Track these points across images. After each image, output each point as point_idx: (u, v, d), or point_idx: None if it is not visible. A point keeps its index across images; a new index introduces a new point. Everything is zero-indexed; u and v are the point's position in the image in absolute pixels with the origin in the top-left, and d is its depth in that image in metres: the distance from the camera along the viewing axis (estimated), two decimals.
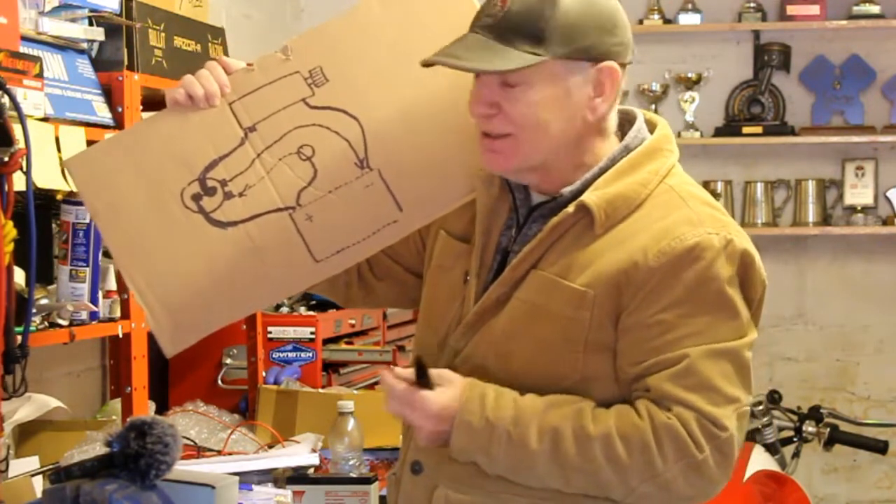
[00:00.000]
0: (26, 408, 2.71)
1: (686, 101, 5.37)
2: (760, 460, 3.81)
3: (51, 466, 2.68)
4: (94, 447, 2.71)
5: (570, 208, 1.86)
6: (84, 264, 2.58)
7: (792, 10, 5.27)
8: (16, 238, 2.21)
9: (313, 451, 3.06)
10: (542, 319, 1.85)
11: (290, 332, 3.71)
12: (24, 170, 2.23)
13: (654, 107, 5.33)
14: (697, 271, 1.81)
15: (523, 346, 1.86)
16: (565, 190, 1.89)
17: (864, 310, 5.40)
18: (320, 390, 3.59)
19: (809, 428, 4.20)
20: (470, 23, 1.88)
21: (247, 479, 2.74)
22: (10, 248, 2.20)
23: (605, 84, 1.86)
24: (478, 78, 1.86)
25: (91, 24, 2.74)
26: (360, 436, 2.90)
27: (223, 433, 3.25)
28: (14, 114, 2.21)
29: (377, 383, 3.97)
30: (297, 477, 2.78)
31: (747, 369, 1.83)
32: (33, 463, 2.73)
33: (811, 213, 5.34)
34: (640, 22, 5.35)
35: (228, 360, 3.71)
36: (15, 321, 2.25)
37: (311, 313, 3.75)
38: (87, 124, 2.65)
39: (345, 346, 3.96)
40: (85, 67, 2.74)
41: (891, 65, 5.32)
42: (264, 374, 3.63)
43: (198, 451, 3.10)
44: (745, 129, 5.32)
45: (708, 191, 5.76)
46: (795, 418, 4.24)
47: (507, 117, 1.85)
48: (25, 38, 2.48)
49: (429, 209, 2.01)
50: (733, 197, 5.40)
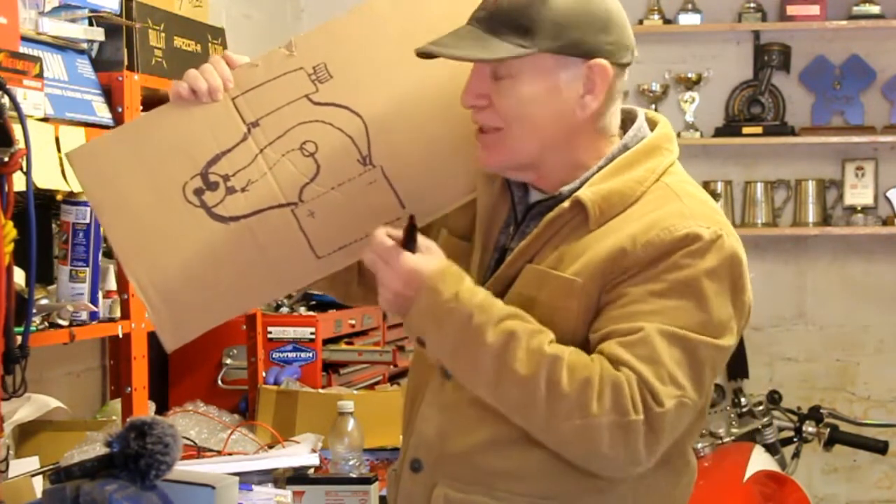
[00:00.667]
0: (26, 408, 2.71)
1: (686, 101, 5.37)
2: (760, 460, 3.81)
3: (51, 466, 2.67)
4: (94, 447, 2.71)
5: (566, 204, 1.86)
6: (84, 264, 2.58)
7: (792, 10, 5.27)
8: (16, 238, 2.21)
9: (313, 451, 3.06)
10: (533, 312, 1.84)
11: (290, 333, 3.71)
12: (24, 170, 2.22)
13: (654, 107, 5.33)
14: (679, 256, 1.80)
15: None
16: (564, 188, 1.89)
17: (864, 310, 5.40)
18: (320, 390, 3.59)
19: (809, 428, 4.20)
20: None
21: (247, 480, 2.74)
22: (10, 248, 2.20)
23: (596, 82, 1.85)
24: (472, 70, 1.87)
25: (91, 24, 2.74)
26: (360, 436, 2.90)
27: (223, 433, 3.25)
28: (14, 114, 2.21)
29: (377, 383, 3.99)
30: (297, 477, 2.78)
31: (700, 367, 1.79)
32: (33, 463, 2.73)
33: (811, 214, 5.34)
34: (640, 22, 5.35)
35: (228, 361, 3.71)
36: (15, 321, 2.25)
37: (311, 313, 3.76)
38: (87, 124, 2.65)
39: (345, 347, 3.96)
40: (85, 67, 2.74)
41: (891, 65, 5.32)
42: (264, 374, 3.63)
43: (198, 452, 3.10)
44: (745, 130, 5.32)
45: (708, 191, 5.73)
46: (795, 418, 4.24)
47: (496, 110, 1.86)
48: (25, 38, 2.48)
49: (431, 206, 2.00)
50: (733, 197, 5.40)
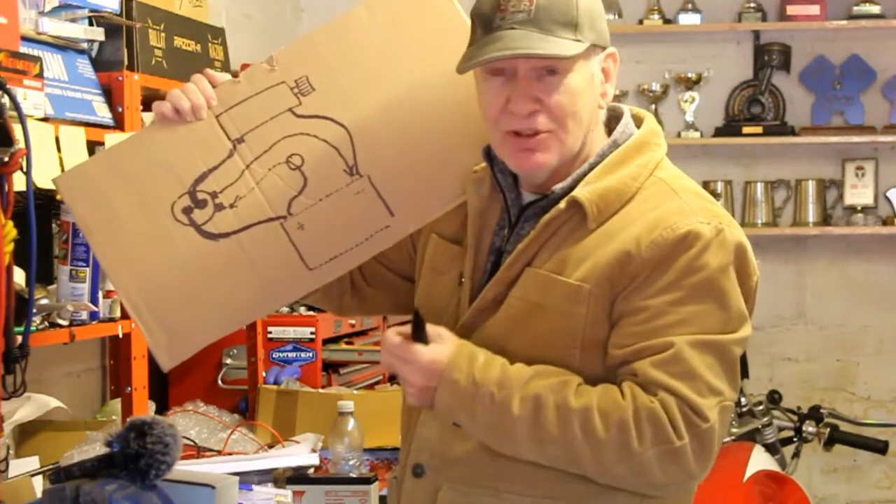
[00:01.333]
0: (26, 408, 2.71)
1: (686, 101, 5.37)
2: (760, 460, 3.81)
3: (51, 466, 2.68)
4: (94, 447, 2.71)
5: (562, 204, 1.86)
6: (84, 264, 2.58)
7: (792, 10, 5.27)
8: (16, 238, 2.21)
9: (313, 451, 3.06)
10: (538, 317, 1.85)
11: (290, 332, 3.72)
12: (24, 170, 2.23)
13: (654, 107, 5.33)
14: (688, 259, 1.81)
15: (520, 344, 1.86)
16: (556, 187, 1.89)
17: (864, 310, 5.40)
18: (320, 390, 3.59)
19: (809, 428, 4.20)
20: (464, 27, 1.88)
21: (247, 479, 2.74)
22: (10, 248, 2.20)
23: (612, 70, 1.91)
24: (511, 76, 1.84)
25: (91, 24, 2.75)
26: (360, 436, 2.90)
27: (223, 433, 3.26)
28: (14, 114, 2.21)
29: (377, 383, 3.99)
30: (297, 477, 2.78)
31: (733, 364, 1.82)
32: (33, 463, 2.73)
33: (811, 213, 5.34)
34: (640, 22, 5.34)
35: (228, 360, 3.71)
36: (15, 321, 2.25)
37: (311, 313, 3.75)
38: (87, 124, 2.65)
39: (345, 346, 3.97)
40: (85, 67, 2.75)
41: (891, 65, 5.32)
42: (264, 374, 3.63)
43: (198, 451, 3.11)
44: (745, 129, 5.32)
45: (708, 191, 5.74)
46: (795, 418, 4.23)
47: (549, 111, 1.84)
48: (25, 38, 2.48)
49: (420, 213, 2.01)
50: (733, 197, 5.40)
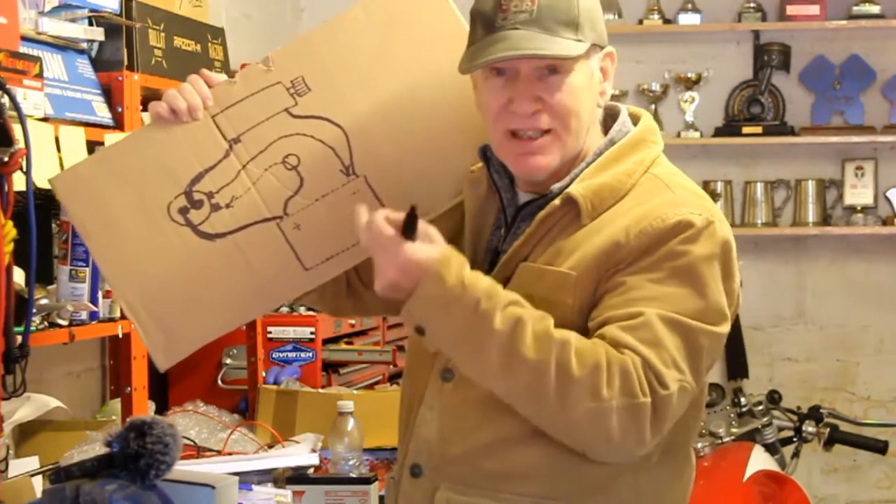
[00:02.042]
0: (26, 408, 2.71)
1: (686, 101, 5.37)
2: (760, 460, 3.81)
3: (51, 466, 2.68)
4: (94, 447, 2.71)
5: (557, 201, 1.87)
6: (84, 264, 2.58)
7: (792, 10, 5.27)
8: (16, 238, 2.21)
9: (313, 451, 3.06)
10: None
11: (290, 332, 3.72)
12: (24, 170, 2.23)
13: (654, 107, 5.33)
14: (674, 243, 1.81)
15: None
16: (554, 186, 1.89)
17: (864, 310, 5.40)
18: (320, 390, 3.59)
19: (809, 428, 4.20)
20: (460, 27, 1.88)
21: (247, 479, 2.74)
22: (10, 248, 2.20)
23: (610, 68, 1.92)
24: (513, 76, 1.85)
25: (91, 24, 2.75)
26: (359, 436, 2.90)
27: (223, 433, 3.26)
28: (14, 114, 2.21)
29: (377, 383, 3.99)
30: (296, 477, 2.78)
31: (698, 353, 1.80)
32: (33, 463, 2.73)
33: (811, 213, 5.34)
34: (640, 22, 5.34)
35: (228, 360, 3.71)
36: (15, 321, 2.25)
37: (311, 313, 3.75)
38: (86, 124, 2.65)
39: (345, 346, 3.96)
40: (85, 67, 2.75)
41: (891, 65, 5.32)
42: (264, 374, 3.63)
43: (198, 451, 3.11)
44: (745, 129, 5.31)
45: (708, 191, 5.68)
46: (795, 418, 4.23)
47: (551, 111, 1.85)
48: (25, 38, 2.48)
49: (420, 211, 2.00)
50: (733, 197, 5.40)
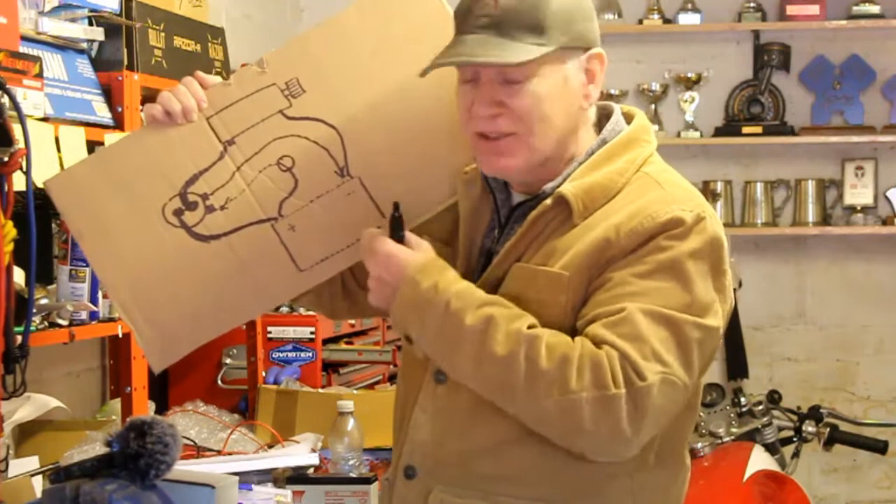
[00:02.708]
0: (26, 408, 2.71)
1: (686, 101, 5.37)
2: (760, 460, 3.81)
3: (51, 466, 2.68)
4: (93, 447, 2.71)
5: (549, 201, 1.87)
6: (84, 264, 2.58)
7: (792, 10, 5.27)
8: (16, 238, 2.21)
9: (313, 451, 3.06)
10: (523, 308, 1.84)
11: (290, 332, 3.72)
12: (24, 170, 2.22)
13: (654, 107, 5.33)
14: (661, 239, 1.81)
15: None
16: (546, 187, 1.90)
17: (864, 310, 5.40)
18: (320, 390, 3.59)
19: (809, 428, 4.20)
20: (453, 28, 1.88)
21: (247, 479, 2.74)
22: (10, 248, 2.20)
23: (597, 70, 1.89)
24: (475, 80, 1.86)
25: (91, 24, 2.74)
26: (359, 436, 2.90)
27: (223, 433, 3.26)
28: (14, 114, 2.21)
29: (377, 383, 3.99)
30: (296, 477, 2.78)
31: (687, 345, 1.78)
32: (33, 463, 2.73)
33: (811, 213, 5.34)
34: (640, 22, 5.34)
35: (228, 360, 3.71)
36: (15, 321, 2.25)
37: (311, 313, 3.75)
38: (86, 124, 2.65)
39: (344, 346, 3.97)
40: (85, 67, 2.75)
41: (891, 65, 5.32)
42: (264, 373, 3.63)
43: (198, 451, 3.11)
44: (745, 129, 5.31)
45: (708, 191, 5.67)
46: (795, 418, 4.23)
47: (512, 115, 1.84)
48: (25, 38, 2.48)
49: (411, 214, 1.99)
50: (733, 197, 5.40)
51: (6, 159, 2.19)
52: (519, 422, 1.82)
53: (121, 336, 2.74)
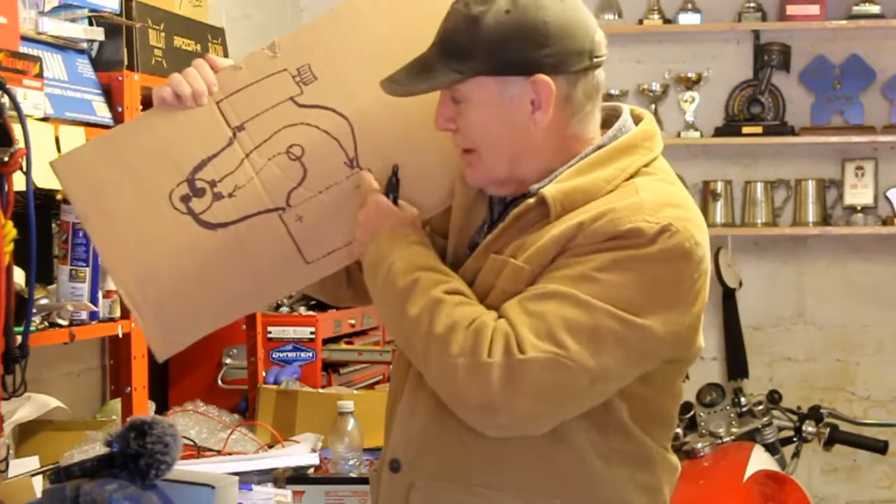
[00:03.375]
0: (26, 408, 2.71)
1: (686, 101, 5.37)
2: (760, 460, 3.81)
3: (51, 466, 2.68)
4: (94, 447, 2.71)
5: (532, 199, 1.88)
6: (84, 264, 2.58)
7: (792, 10, 5.27)
8: (16, 238, 2.21)
9: (313, 451, 3.06)
10: (490, 297, 1.86)
11: (290, 332, 3.72)
12: (24, 170, 2.22)
13: (654, 107, 5.32)
14: (614, 243, 1.79)
15: None
16: (533, 187, 1.90)
17: (864, 310, 5.40)
18: (320, 390, 3.59)
19: (809, 428, 4.20)
20: None
21: (247, 479, 2.74)
22: (10, 248, 2.20)
23: (541, 96, 1.85)
24: (439, 95, 1.90)
25: (91, 24, 2.74)
26: (359, 436, 2.90)
27: (223, 433, 3.26)
28: (14, 114, 2.21)
29: (377, 383, 3.99)
30: (297, 477, 2.78)
31: (597, 335, 1.76)
32: (33, 463, 2.73)
33: (811, 213, 5.34)
34: (640, 22, 5.34)
35: (228, 360, 3.71)
36: (15, 321, 2.25)
37: (311, 313, 3.76)
38: (87, 124, 2.65)
39: (345, 346, 3.97)
40: (85, 67, 2.74)
41: (891, 65, 5.32)
42: (264, 373, 3.63)
43: (198, 451, 3.11)
44: (745, 129, 5.31)
45: (708, 191, 5.63)
46: (795, 418, 4.23)
47: (462, 133, 1.89)
48: (25, 38, 2.48)
49: (421, 208, 1.99)
50: (733, 197, 5.40)
51: (6, 159, 2.18)
52: None
53: (121, 336, 2.74)
